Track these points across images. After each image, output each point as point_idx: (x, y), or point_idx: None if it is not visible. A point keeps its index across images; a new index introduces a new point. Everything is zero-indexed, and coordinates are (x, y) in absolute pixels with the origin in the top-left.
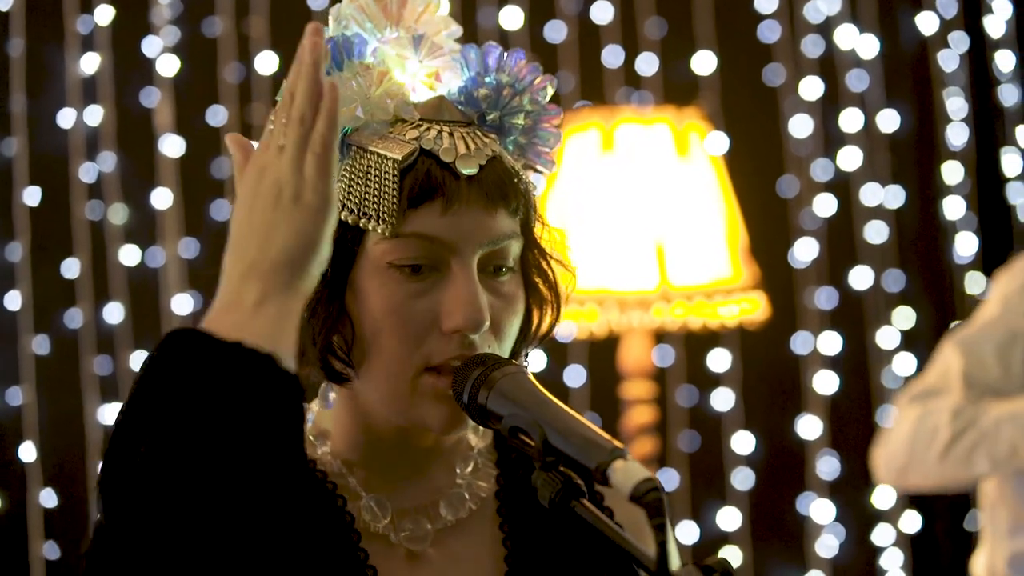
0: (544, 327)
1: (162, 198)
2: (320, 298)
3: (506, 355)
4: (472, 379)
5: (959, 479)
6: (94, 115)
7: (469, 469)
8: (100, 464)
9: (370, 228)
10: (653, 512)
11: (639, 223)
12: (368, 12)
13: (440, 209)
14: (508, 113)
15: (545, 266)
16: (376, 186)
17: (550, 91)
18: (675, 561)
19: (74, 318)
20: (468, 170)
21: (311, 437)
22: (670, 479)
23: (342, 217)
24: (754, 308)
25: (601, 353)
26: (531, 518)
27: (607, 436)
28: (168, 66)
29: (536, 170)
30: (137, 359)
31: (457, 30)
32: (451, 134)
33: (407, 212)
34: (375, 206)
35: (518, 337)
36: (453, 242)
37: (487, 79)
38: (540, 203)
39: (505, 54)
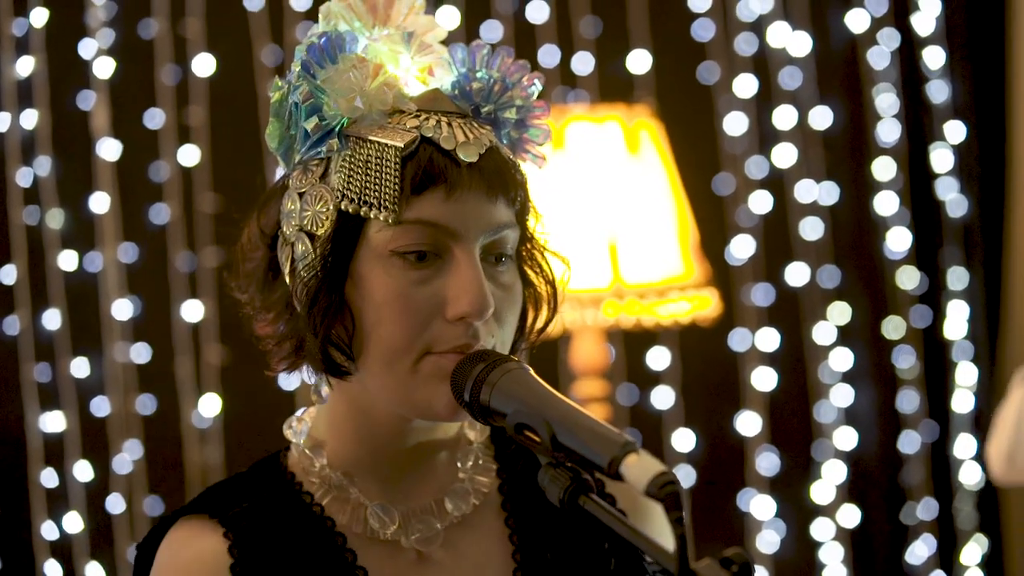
0: (540, 322)
1: (100, 202)
2: (321, 288)
3: (507, 347)
4: (473, 376)
5: None
6: (29, 119)
7: (470, 463)
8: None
9: (372, 216)
10: (671, 506)
11: (591, 221)
12: (356, 11)
13: (443, 195)
14: (501, 107)
15: (540, 260)
16: (377, 174)
17: (538, 87)
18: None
19: (12, 325)
20: (469, 158)
21: (307, 450)
22: None
23: (343, 207)
24: (705, 305)
25: (554, 351)
26: (536, 512)
27: (617, 430)
28: (104, 68)
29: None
30: (76, 366)
31: (442, 32)
32: (449, 124)
33: (410, 199)
34: (376, 194)
35: (516, 332)
36: (455, 228)
37: (478, 74)
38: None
39: (491, 52)
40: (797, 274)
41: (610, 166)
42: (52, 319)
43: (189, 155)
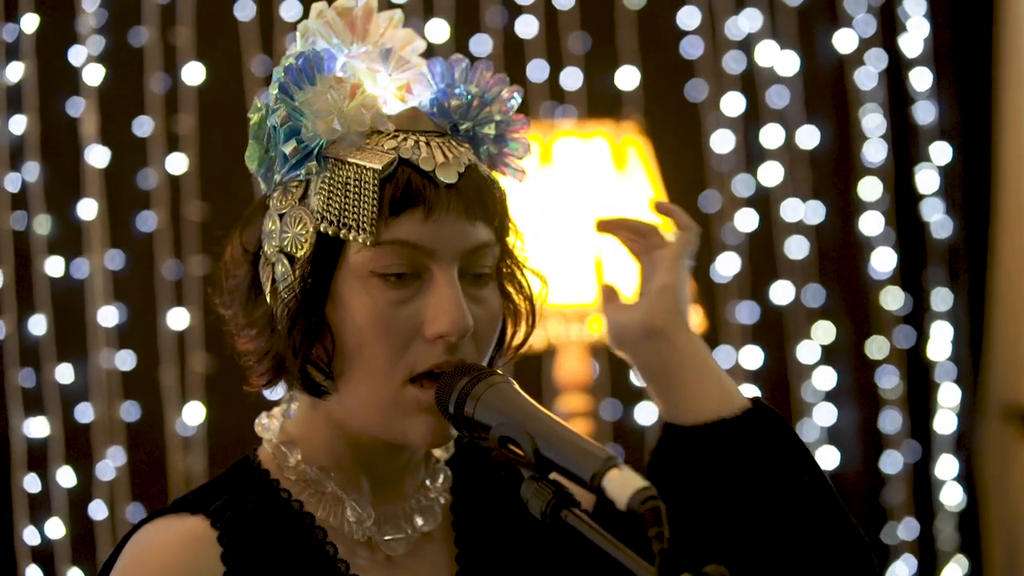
0: (519, 338)
1: (87, 209)
2: (300, 310)
3: (485, 362)
4: (458, 390)
5: None
6: (18, 124)
7: (439, 482)
8: None
9: (351, 238)
10: (652, 521)
11: (577, 236)
12: (335, 28)
13: (421, 217)
14: (479, 123)
15: (519, 276)
16: (356, 197)
17: (517, 101)
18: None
19: None
20: (448, 178)
21: (281, 446)
22: None
23: (322, 229)
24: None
25: (538, 365)
26: (484, 532)
27: (599, 445)
28: (93, 75)
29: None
30: (61, 371)
31: (421, 45)
32: (428, 144)
33: (388, 220)
34: (355, 216)
35: (495, 348)
36: (434, 249)
37: (456, 90)
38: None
39: (470, 67)
40: (782, 292)
41: (597, 182)
42: (38, 324)
43: (177, 163)
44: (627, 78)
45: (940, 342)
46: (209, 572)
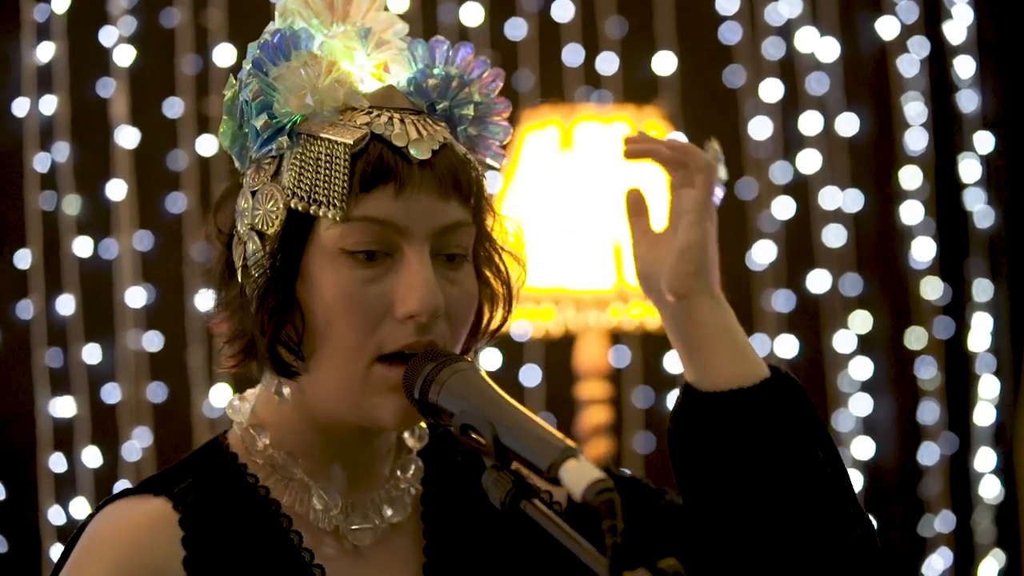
0: (495, 322)
1: (116, 190)
2: (269, 287)
3: (459, 345)
4: (423, 375)
5: None
6: (49, 105)
7: (411, 472)
8: None
9: (321, 214)
10: (606, 513)
11: (597, 222)
12: (314, 8)
13: (392, 193)
14: (457, 104)
15: (497, 260)
16: (327, 172)
17: (499, 84)
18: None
19: (26, 309)
20: (421, 155)
21: (250, 428)
22: None
23: (292, 205)
24: None
25: (557, 353)
26: (453, 524)
27: (560, 435)
28: (124, 56)
29: (487, 164)
30: (88, 351)
31: (403, 28)
32: (402, 120)
33: (359, 196)
34: (325, 192)
35: (470, 332)
36: (405, 226)
37: (436, 71)
38: (497, 199)
39: (452, 48)
40: (818, 281)
41: (617, 167)
42: (66, 304)
43: (207, 145)
44: (664, 63)
45: (980, 333)
46: (168, 555)
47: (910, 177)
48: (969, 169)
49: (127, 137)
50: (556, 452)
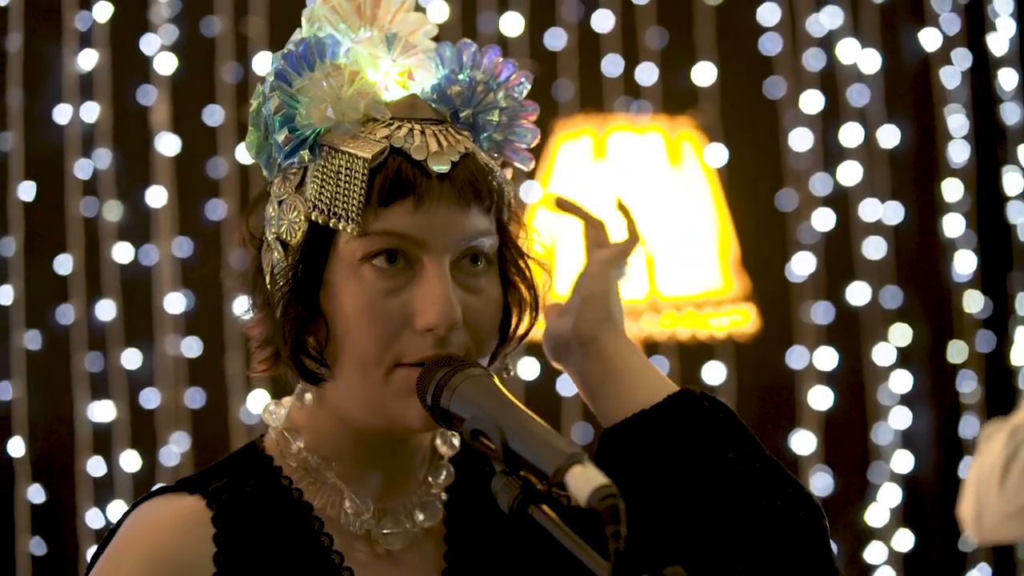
0: (523, 328)
1: (157, 196)
2: (291, 297)
3: (485, 354)
4: (435, 381)
5: None
6: (91, 112)
7: (442, 478)
8: None
9: (340, 228)
10: (610, 519)
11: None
12: (341, 13)
13: (411, 207)
14: (482, 110)
15: (523, 265)
16: (346, 186)
17: (527, 87)
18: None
19: (66, 314)
20: (439, 167)
21: (285, 433)
22: None
23: (313, 217)
24: (744, 320)
25: None
26: (476, 530)
27: (567, 440)
28: (166, 64)
29: (514, 167)
30: (128, 357)
31: (432, 28)
32: (423, 132)
33: (378, 211)
34: (345, 205)
35: (498, 338)
36: (424, 240)
37: (460, 76)
38: (530, 209)
39: (480, 51)
40: (858, 293)
41: (650, 177)
42: (105, 310)
43: (246, 153)
44: (704, 74)
45: (1022, 347)
46: (200, 551)
47: (951, 189)
48: (1012, 182)
49: (167, 144)
50: (563, 457)
